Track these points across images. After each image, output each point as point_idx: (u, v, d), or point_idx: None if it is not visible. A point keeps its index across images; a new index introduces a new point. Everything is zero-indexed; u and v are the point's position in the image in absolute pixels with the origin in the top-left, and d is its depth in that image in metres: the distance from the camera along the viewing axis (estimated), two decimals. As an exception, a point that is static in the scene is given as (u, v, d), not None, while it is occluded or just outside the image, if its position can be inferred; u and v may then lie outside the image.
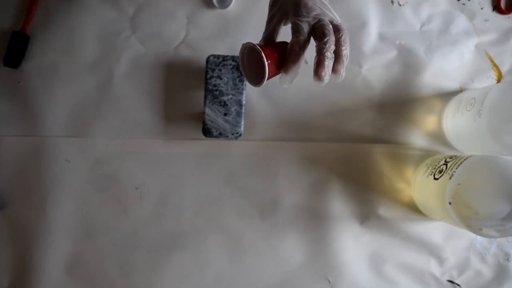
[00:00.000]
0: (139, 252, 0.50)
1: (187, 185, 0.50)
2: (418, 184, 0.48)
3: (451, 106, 0.49)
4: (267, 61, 0.34)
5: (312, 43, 0.35)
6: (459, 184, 0.39)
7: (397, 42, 0.52)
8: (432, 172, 0.44)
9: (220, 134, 0.47)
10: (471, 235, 0.49)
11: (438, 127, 0.51)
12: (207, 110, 0.47)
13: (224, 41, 0.51)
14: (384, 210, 0.50)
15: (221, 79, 0.47)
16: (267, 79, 0.35)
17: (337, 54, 0.34)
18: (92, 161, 0.50)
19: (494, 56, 0.52)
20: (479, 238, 0.49)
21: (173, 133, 0.50)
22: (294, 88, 0.51)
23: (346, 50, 0.34)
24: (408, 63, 0.52)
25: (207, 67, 0.47)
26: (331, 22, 0.34)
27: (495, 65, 0.52)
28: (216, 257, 0.50)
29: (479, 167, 0.40)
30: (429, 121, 0.51)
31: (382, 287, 0.49)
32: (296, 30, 0.34)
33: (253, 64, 0.37)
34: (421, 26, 0.52)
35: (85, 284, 0.49)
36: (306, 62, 0.51)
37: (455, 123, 0.48)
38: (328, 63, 0.33)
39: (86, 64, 0.51)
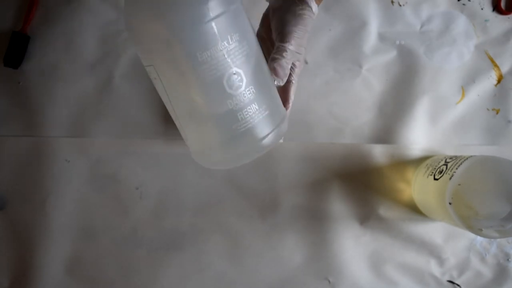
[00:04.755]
0: (139, 252, 0.50)
1: (187, 185, 0.50)
2: (418, 185, 0.48)
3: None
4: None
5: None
6: (459, 185, 0.39)
7: (397, 42, 0.52)
8: (432, 172, 0.44)
9: (220, 134, 0.47)
10: (471, 235, 0.49)
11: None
12: (207, 110, 0.47)
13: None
14: (384, 210, 0.50)
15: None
16: None
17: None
18: (92, 161, 0.50)
19: (494, 56, 0.52)
20: (479, 238, 0.49)
21: (173, 133, 0.50)
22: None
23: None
24: (408, 63, 0.52)
25: (207, 67, 0.47)
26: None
27: (495, 65, 0.52)
28: (216, 257, 0.50)
29: (480, 168, 0.40)
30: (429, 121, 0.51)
31: (382, 288, 0.49)
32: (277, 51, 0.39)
33: None
34: (421, 26, 0.52)
35: (85, 284, 0.49)
36: (306, 62, 0.51)
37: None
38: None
39: (86, 64, 0.51)
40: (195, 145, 0.37)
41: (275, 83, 0.38)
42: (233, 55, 0.32)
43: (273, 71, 0.37)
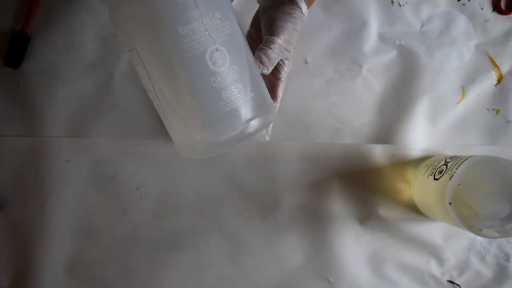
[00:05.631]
0: (139, 252, 0.50)
1: (187, 185, 0.50)
2: (418, 185, 0.48)
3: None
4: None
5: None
6: (459, 185, 0.39)
7: (397, 42, 0.52)
8: (432, 172, 0.44)
9: (220, 134, 0.47)
10: (471, 235, 0.49)
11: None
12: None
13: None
14: (384, 211, 0.50)
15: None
16: None
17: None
18: (92, 161, 0.50)
19: (494, 56, 0.52)
20: (479, 238, 0.49)
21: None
22: (294, 88, 0.51)
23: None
24: (408, 63, 0.52)
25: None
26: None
27: (495, 65, 0.52)
28: (216, 257, 0.50)
29: (480, 168, 0.40)
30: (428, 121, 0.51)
31: (382, 288, 0.49)
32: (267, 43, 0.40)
33: None
34: (421, 27, 0.52)
35: (85, 284, 0.49)
36: (306, 62, 0.51)
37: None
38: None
39: (86, 64, 0.51)
40: (178, 133, 0.36)
41: (260, 70, 0.38)
42: (215, 32, 0.32)
43: (258, 59, 0.38)
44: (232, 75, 0.33)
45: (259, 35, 0.43)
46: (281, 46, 0.39)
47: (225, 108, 0.33)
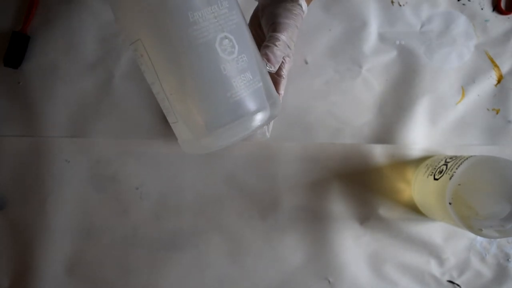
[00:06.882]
0: (139, 252, 0.50)
1: (187, 185, 0.50)
2: (418, 185, 0.48)
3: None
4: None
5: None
6: (459, 185, 0.39)
7: (397, 42, 0.52)
8: (432, 172, 0.44)
9: (220, 134, 0.47)
10: (471, 235, 0.49)
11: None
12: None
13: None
14: (384, 211, 0.50)
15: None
16: None
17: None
18: (92, 161, 0.50)
19: (494, 56, 0.52)
20: (479, 238, 0.49)
21: (173, 133, 0.50)
22: (294, 88, 0.51)
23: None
24: (408, 63, 0.52)
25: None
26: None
27: (495, 65, 0.52)
28: (216, 257, 0.50)
29: (480, 168, 0.40)
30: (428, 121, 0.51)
31: (382, 288, 0.49)
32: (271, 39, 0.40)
33: None
34: (421, 27, 0.52)
35: (85, 284, 0.49)
36: (306, 63, 0.51)
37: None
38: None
39: (86, 64, 0.51)
40: (184, 126, 0.35)
41: (268, 68, 0.38)
42: (223, 20, 0.32)
43: (265, 57, 0.37)
44: (241, 64, 0.33)
45: (258, 32, 0.44)
46: (285, 42, 0.39)
47: (235, 97, 0.33)
